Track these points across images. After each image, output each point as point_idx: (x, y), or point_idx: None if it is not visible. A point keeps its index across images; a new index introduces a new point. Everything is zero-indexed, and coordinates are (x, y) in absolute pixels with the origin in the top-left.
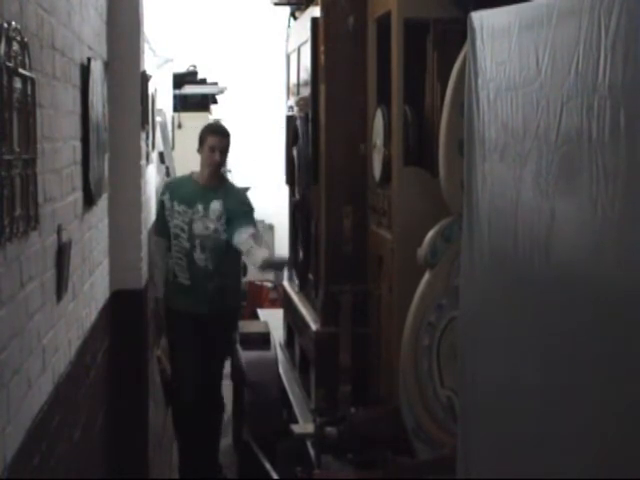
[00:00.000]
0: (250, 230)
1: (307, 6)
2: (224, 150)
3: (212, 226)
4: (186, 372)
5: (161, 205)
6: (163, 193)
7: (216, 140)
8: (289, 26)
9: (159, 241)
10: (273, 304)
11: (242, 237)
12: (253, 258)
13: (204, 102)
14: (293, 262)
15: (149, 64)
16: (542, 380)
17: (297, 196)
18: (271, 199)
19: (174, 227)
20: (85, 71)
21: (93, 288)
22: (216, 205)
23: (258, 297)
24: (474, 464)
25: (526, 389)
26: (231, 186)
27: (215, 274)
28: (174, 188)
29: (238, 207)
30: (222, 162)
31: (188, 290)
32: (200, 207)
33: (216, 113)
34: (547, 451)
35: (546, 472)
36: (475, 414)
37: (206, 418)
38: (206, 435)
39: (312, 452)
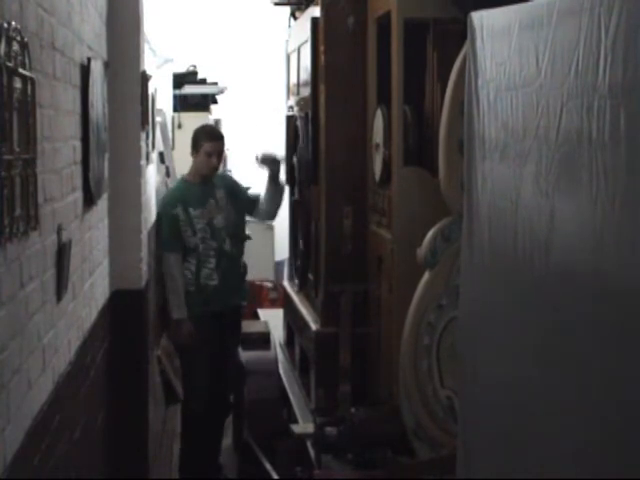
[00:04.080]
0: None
1: (307, 6)
2: (220, 153)
3: (226, 214)
4: (205, 375)
5: (174, 220)
6: (173, 207)
7: (212, 145)
8: (289, 26)
9: (176, 258)
10: (273, 304)
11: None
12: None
13: (204, 102)
14: (293, 262)
15: (149, 64)
16: (542, 379)
17: (297, 196)
18: None
19: (199, 232)
20: (85, 71)
21: (93, 288)
22: (220, 194)
23: (258, 297)
24: (474, 464)
25: (526, 389)
26: (219, 174)
27: (238, 259)
28: (182, 198)
29: (240, 193)
30: (219, 165)
31: (213, 290)
32: (212, 201)
33: (216, 113)
34: (547, 451)
35: (546, 472)
36: (475, 414)
37: (216, 419)
38: (212, 435)
39: (312, 452)
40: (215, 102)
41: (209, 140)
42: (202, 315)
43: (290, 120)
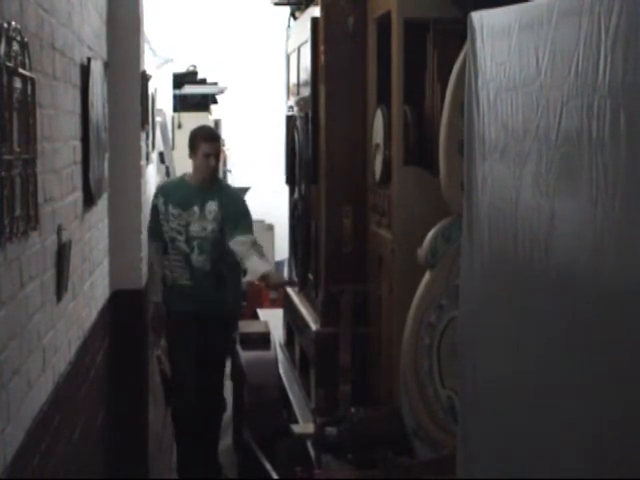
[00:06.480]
0: (250, 238)
1: (307, 6)
2: (217, 154)
3: (209, 227)
4: (187, 373)
5: (155, 209)
6: (156, 197)
7: (209, 147)
8: (289, 26)
9: (155, 245)
10: (273, 304)
11: (241, 246)
12: (252, 268)
13: (204, 102)
14: (293, 262)
15: (149, 64)
16: (542, 380)
17: (297, 196)
18: (271, 199)
19: (170, 230)
20: (85, 71)
21: (93, 288)
22: (212, 206)
23: (258, 297)
24: (474, 464)
25: (526, 389)
26: (226, 186)
27: (213, 275)
28: (167, 192)
29: (235, 209)
30: (217, 166)
31: (189, 291)
32: (196, 208)
33: (216, 113)
34: (547, 450)
35: (546, 472)
36: (475, 414)
37: (206, 418)
38: (206, 435)
39: (312, 452)
40: (215, 102)
41: (206, 141)
42: (180, 312)
43: (290, 120)
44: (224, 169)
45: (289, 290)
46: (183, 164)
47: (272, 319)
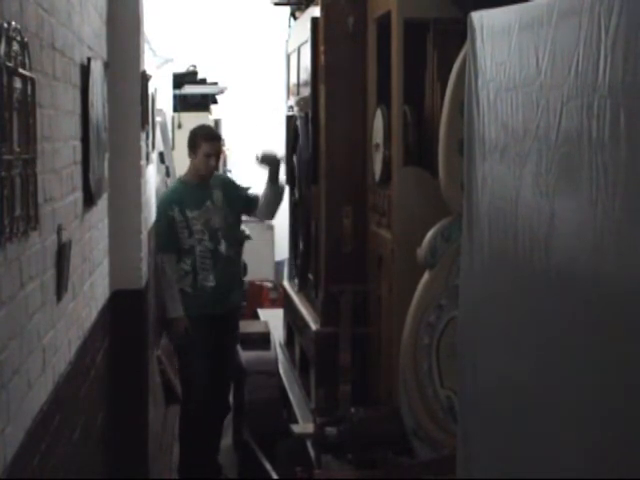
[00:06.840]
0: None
1: (307, 6)
2: (218, 154)
3: (224, 214)
4: (198, 374)
5: (170, 220)
6: (170, 209)
7: (210, 146)
8: (289, 26)
9: (170, 258)
10: (273, 304)
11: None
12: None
13: (204, 102)
14: (293, 262)
15: (149, 64)
16: (542, 380)
17: (297, 196)
18: None
19: (196, 234)
20: (85, 71)
21: (93, 288)
22: (217, 195)
23: (258, 297)
24: (474, 464)
25: (526, 389)
26: (224, 177)
27: (235, 261)
28: (180, 200)
29: (238, 193)
30: (217, 166)
31: (211, 292)
32: (209, 203)
33: (216, 113)
34: (547, 450)
35: (546, 472)
36: (475, 414)
37: (213, 419)
38: (210, 435)
39: (312, 452)
40: (215, 102)
41: (207, 141)
42: (199, 317)
43: (290, 120)
44: (224, 169)
45: (289, 290)
46: (183, 164)
47: (272, 319)
